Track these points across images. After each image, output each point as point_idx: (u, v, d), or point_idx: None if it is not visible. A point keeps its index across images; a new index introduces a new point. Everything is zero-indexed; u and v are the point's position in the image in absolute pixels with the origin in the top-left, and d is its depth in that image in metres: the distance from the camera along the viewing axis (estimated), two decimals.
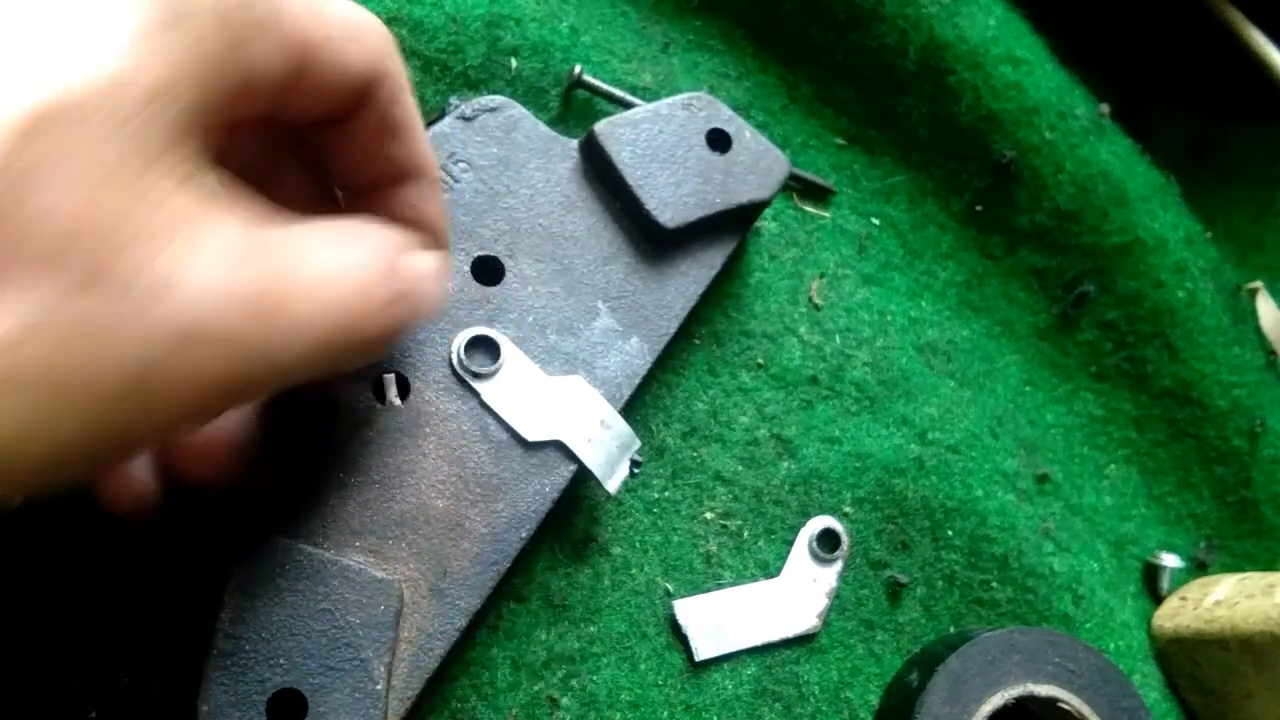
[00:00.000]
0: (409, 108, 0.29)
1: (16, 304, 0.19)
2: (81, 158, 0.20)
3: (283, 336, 0.23)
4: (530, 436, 0.36)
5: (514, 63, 0.44)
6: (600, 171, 0.40)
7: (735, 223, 0.42)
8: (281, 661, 0.31)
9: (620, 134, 0.40)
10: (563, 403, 0.37)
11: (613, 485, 0.37)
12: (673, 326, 0.40)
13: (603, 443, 0.37)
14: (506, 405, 0.36)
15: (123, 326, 0.20)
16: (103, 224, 0.20)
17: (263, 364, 0.23)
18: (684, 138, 0.41)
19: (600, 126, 0.40)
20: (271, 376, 0.24)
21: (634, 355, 0.39)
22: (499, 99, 0.40)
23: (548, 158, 0.40)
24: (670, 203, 0.40)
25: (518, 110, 0.40)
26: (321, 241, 0.25)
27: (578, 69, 0.44)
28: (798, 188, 0.48)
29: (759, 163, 0.42)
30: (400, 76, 0.29)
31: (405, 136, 0.30)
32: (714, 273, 0.41)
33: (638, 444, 0.38)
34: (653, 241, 0.40)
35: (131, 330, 0.21)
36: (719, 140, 0.42)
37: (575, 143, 0.41)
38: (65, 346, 0.20)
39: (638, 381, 0.39)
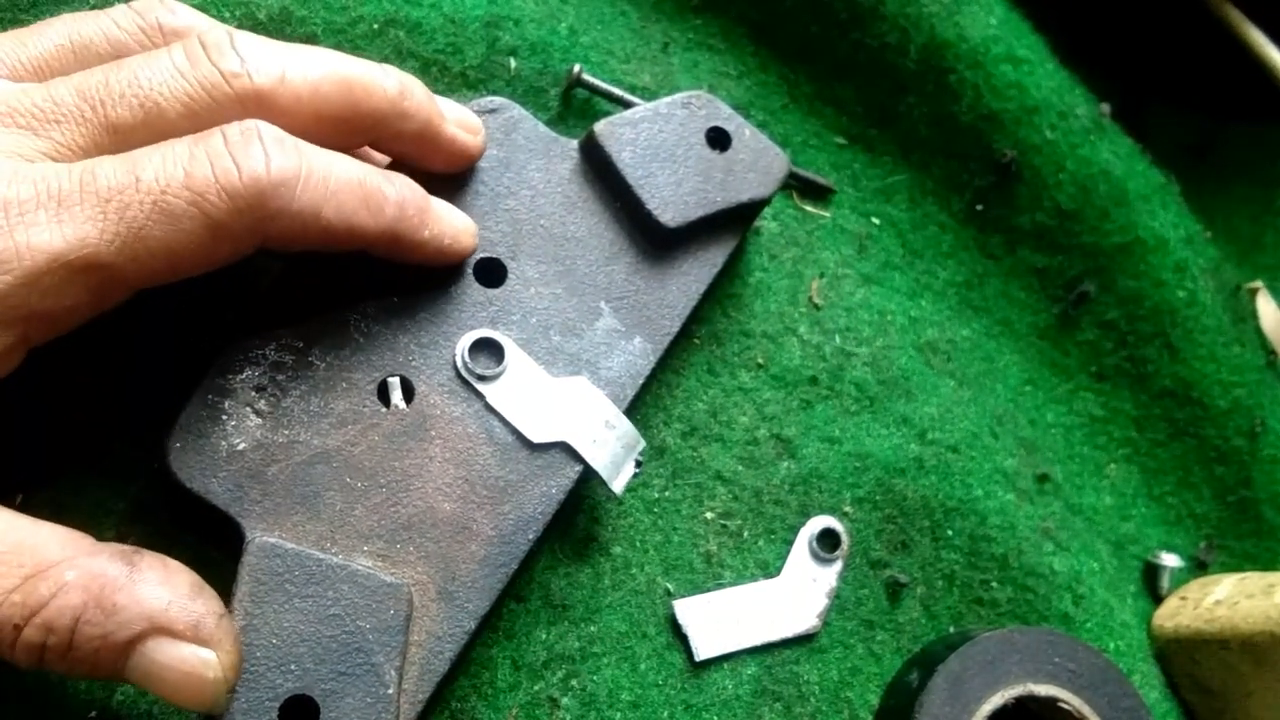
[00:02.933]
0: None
1: None
2: None
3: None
4: (535, 438, 0.36)
5: (513, 63, 0.44)
6: (600, 171, 0.40)
7: (736, 221, 0.42)
8: (293, 667, 0.31)
9: (620, 134, 0.40)
10: (567, 404, 0.37)
11: (618, 485, 0.37)
12: (675, 326, 0.40)
13: (607, 443, 0.37)
14: (511, 407, 0.36)
15: None
16: None
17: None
18: (684, 136, 0.41)
19: (600, 126, 0.40)
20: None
21: (637, 355, 0.39)
22: (498, 100, 0.40)
23: (548, 158, 0.40)
24: (671, 202, 0.40)
25: (517, 111, 0.40)
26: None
27: (577, 68, 0.44)
28: (797, 187, 0.48)
29: (759, 161, 0.42)
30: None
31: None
32: (715, 271, 0.41)
33: (642, 444, 0.38)
34: (654, 241, 0.40)
35: None
36: (719, 139, 0.42)
37: (575, 143, 0.41)
38: None
39: (641, 381, 0.39)
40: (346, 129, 0.33)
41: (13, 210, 0.27)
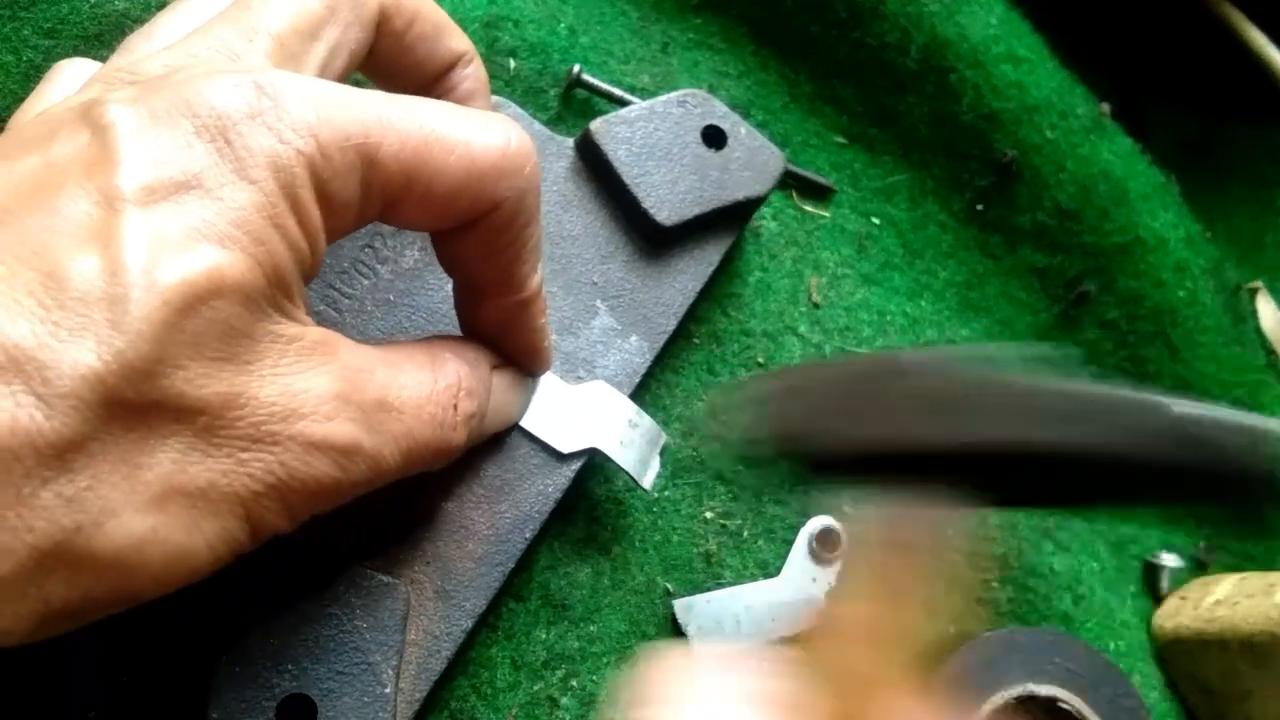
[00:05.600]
0: (517, 239, 0.31)
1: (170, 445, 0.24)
2: (219, 335, 0.24)
3: (386, 443, 0.28)
4: (566, 449, 0.36)
5: (512, 63, 0.44)
6: (596, 170, 0.40)
7: (732, 219, 0.42)
8: (290, 667, 0.31)
9: (616, 132, 0.40)
10: (590, 410, 0.37)
11: (648, 481, 0.37)
12: (672, 324, 0.40)
13: (634, 442, 0.37)
14: (536, 422, 0.36)
15: (256, 454, 0.25)
16: (234, 392, 0.24)
17: (370, 466, 0.28)
18: (679, 135, 0.41)
19: (596, 125, 0.40)
20: (375, 477, 0.28)
21: (634, 353, 0.39)
22: (494, 99, 0.40)
23: (543, 157, 0.40)
24: (667, 200, 0.40)
25: (513, 109, 0.40)
26: (410, 369, 0.29)
27: (576, 68, 0.44)
28: (797, 186, 0.48)
29: (755, 158, 0.42)
30: (518, 205, 0.30)
31: (508, 262, 0.31)
32: (711, 269, 0.41)
33: (664, 437, 0.38)
34: (650, 239, 0.40)
35: (267, 455, 0.25)
36: (714, 137, 0.41)
37: (571, 141, 0.41)
38: (206, 475, 0.24)
39: (638, 379, 0.39)
40: None
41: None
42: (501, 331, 0.33)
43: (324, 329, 0.28)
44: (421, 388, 0.29)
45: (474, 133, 0.28)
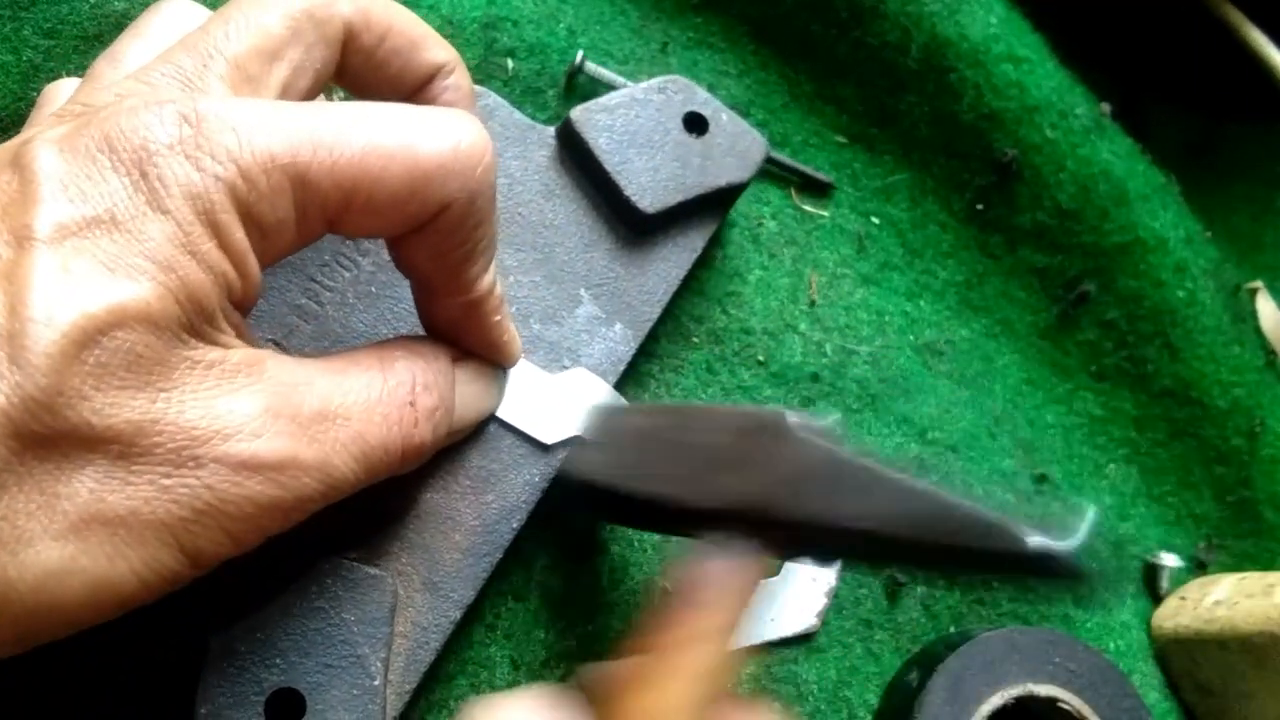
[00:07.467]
0: (467, 241, 0.30)
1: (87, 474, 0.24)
2: (124, 364, 0.24)
3: (333, 453, 0.27)
4: (547, 439, 0.36)
5: (510, 64, 0.44)
6: (578, 158, 0.40)
7: (715, 205, 0.42)
8: (278, 661, 0.31)
9: (596, 120, 0.40)
10: (571, 398, 0.37)
11: None
12: (656, 311, 0.40)
13: None
14: (516, 413, 0.36)
15: (180, 480, 0.25)
16: (148, 419, 0.24)
17: (319, 479, 0.27)
18: (660, 121, 0.41)
19: (576, 113, 0.40)
20: (329, 488, 0.28)
21: (618, 342, 0.39)
22: (476, 89, 0.39)
23: (525, 146, 0.40)
24: (649, 188, 0.40)
25: (493, 99, 0.40)
26: (355, 373, 0.29)
27: (580, 55, 0.44)
28: (796, 183, 0.48)
29: (736, 144, 0.41)
30: (468, 207, 0.29)
31: (456, 264, 0.31)
32: (695, 256, 0.41)
33: None
34: (632, 227, 0.40)
35: (192, 479, 0.25)
36: (695, 123, 0.41)
37: (552, 130, 0.40)
38: (137, 500, 0.24)
39: (623, 368, 0.39)
40: None
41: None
42: (457, 328, 0.33)
43: (252, 350, 0.27)
44: (370, 390, 0.29)
45: (420, 135, 0.28)
